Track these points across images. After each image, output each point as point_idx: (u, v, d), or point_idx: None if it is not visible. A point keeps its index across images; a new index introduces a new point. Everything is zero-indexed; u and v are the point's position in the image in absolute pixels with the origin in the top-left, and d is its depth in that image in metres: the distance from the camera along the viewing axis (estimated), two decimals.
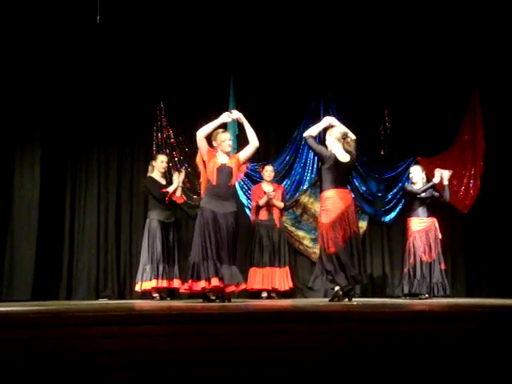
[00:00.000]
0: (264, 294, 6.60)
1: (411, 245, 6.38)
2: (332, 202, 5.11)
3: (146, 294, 6.47)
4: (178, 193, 6.59)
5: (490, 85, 7.63)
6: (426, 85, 7.64)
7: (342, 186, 5.22)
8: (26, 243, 6.67)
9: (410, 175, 6.63)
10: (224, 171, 5.18)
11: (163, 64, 7.34)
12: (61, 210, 7.09)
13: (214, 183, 5.11)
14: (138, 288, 6.31)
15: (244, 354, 2.85)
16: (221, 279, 4.95)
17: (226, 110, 7.33)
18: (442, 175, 6.41)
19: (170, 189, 6.48)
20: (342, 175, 5.21)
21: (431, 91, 7.65)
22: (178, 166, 7.34)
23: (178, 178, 6.57)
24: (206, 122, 7.47)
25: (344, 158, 5.25)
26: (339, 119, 7.51)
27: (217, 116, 7.46)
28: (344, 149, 5.29)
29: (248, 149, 5.34)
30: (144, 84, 7.33)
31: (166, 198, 6.42)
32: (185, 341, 2.83)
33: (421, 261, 6.29)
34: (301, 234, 7.45)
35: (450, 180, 6.54)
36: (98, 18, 5.24)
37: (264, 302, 5.14)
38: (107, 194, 7.25)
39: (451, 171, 6.53)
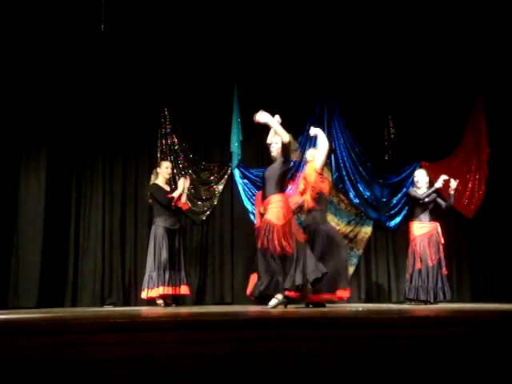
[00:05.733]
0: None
1: (413, 250, 6.40)
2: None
3: (151, 301, 6.46)
4: (183, 199, 6.60)
5: (493, 89, 7.63)
6: (430, 89, 7.65)
7: None
8: (32, 250, 6.70)
9: (415, 179, 6.65)
10: None
11: (167, 71, 7.38)
12: (66, 216, 7.12)
13: None
14: (144, 295, 6.30)
15: (249, 360, 2.85)
16: None
17: (230, 116, 7.39)
18: (450, 184, 6.43)
19: (176, 194, 6.49)
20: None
21: (435, 96, 7.65)
22: (183, 172, 7.37)
23: (183, 184, 6.58)
24: (210, 129, 7.56)
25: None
26: (343, 124, 7.60)
27: (220, 123, 7.51)
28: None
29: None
30: (148, 91, 7.37)
31: (172, 204, 6.43)
32: (190, 348, 2.83)
33: (424, 266, 6.29)
34: None
35: (456, 187, 6.56)
36: (102, 26, 5.27)
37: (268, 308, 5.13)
38: (112, 201, 7.27)
39: (458, 180, 6.55)
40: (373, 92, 7.66)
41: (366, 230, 7.55)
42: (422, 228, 6.43)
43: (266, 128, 7.18)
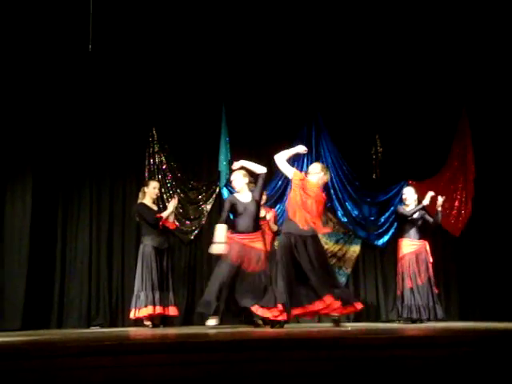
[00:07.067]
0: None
1: (401, 268, 6.41)
2: None
3: (138, 322, 6.39)
4: (171, 218, 6.58)
5: (478, 108, 7.73)
6: (416, 109, 7.73)
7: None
8: (17, 272, 6.59)
9: (403, 196, 6.70)
10: None
11: (155, 91, 7.39)
12: (52, 238, 7.03)
13: None
14: (132, 315, 6.22)
15: (237, 382, 2.81)
16: None
17: (218, 136, 7.41)
18: (436, 201, 6.48)
19: (164, 214, 6.46)
20: None
21: (421, 115, 7.73)
22: (171, 191, 7.34)
23: (173, 205, 6.57)
24: (198, 148, 7.57)
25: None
26: (330, 143, 7.64)
27: (208, 143, 7.54)
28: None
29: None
30: (136, 111, 7.36)
31: (160, 224, 6.39)
32: (178, 370, 2.80)
33: (412, 284, 6.30)
34: None
35: (442, 203, 6.60)
36: (90, 47, 5.27)
37: (256, 329, 5.09)
38: (99, 222, 7.20)
39: (444, 197, 6.59)
40: (360, 111, 7.72)
41: (355, 249, 7.56)
42: (412, 245, 6.46)
43: (254, 148, 7.24)
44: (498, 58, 7.40)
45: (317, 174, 5.36)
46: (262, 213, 6.69)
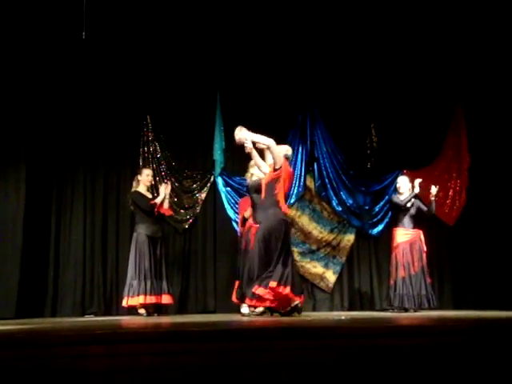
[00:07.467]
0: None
1: (396, 257, 6.42)
2: None
3: (132, 310, 6.39)
4: (166, 205, 6.56)
5: (473, 98, 7.73)
6: (412, 99, 7.73)
7: None
8: (11, 260, 6.57)
9: (397, 185, 6.71)
10: None
11: (150, 79, 7.34)
12: (46, 226, 7.02)
13: None
14: (124, 303, 6.23)
15: (232, 371, 2.81)
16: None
17: (213, 124, 7.38)
18: (430, 190, 6.48)
19: (158, 200, 6.45)
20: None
21: (416, 105, 7.72)
22: (165, 180, 7.32)
23: (164, 190, 6.54)
24: (193, 137, 7.53)
25: None
26: (325, 132, 7.62)
27: (203, 131, 7.50)
28: None
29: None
30: (130, 98, 7.31)
31: (155, 210, 6.37)
32: (172, 359, 2.79)
33: (405, 273, 6.31)
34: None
35: (436, 193, 6.61)
36: (83, 34, 5.22)
37: (250, 318, 5.09)
38: (93, 210, 7.18)
39: (438, 186, 6.58)
40: (355, 101, 7.69)
41: (349, 238, 7.57)
42: (405, 235, 6.47)
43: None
44: (493, 48, 7.38)
45: (289, 157, 5.41)
46: (247, 214, 6.41)
